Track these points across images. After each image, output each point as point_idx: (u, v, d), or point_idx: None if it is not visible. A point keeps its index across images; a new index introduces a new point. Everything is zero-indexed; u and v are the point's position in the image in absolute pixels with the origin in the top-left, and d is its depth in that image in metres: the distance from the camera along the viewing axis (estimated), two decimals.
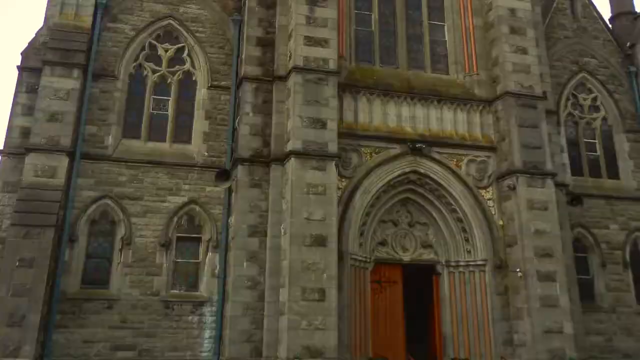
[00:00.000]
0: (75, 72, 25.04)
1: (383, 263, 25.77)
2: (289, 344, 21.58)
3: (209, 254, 25.09)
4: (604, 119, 32.25)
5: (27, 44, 26.58)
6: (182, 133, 26.52)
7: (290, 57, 25.22)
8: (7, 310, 21.52)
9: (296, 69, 24.35)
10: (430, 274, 26.40)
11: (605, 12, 33.14)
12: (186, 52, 27.43)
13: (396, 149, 25.53)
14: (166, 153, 25.86)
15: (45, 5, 27.41)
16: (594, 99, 32.32)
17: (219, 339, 24.13)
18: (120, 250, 24.41)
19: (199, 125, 26.48)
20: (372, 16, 28.25)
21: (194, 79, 27.21)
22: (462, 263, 25.79)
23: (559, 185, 26.87)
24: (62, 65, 25.01)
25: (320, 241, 22.62)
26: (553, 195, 25.45)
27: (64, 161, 23.88)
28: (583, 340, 26.10)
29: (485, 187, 26.10)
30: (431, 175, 25.77)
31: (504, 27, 27.45)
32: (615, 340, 28.75)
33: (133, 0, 27.50)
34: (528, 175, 25.26)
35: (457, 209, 25.81)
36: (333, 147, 23.76)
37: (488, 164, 26.32)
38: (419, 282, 26.48)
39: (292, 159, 23.30)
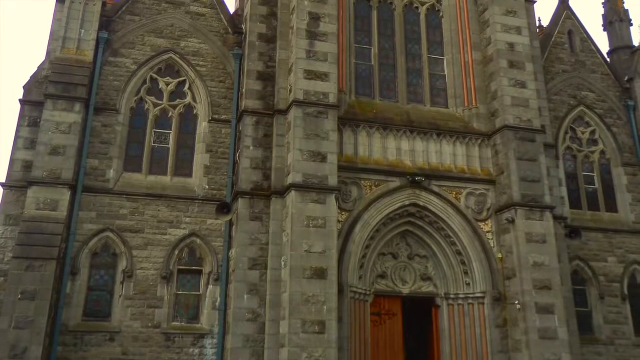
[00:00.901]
0: (77, 106, 26.11)
1: (382, 295, 26.82)
2: None
3: (210, 286, 26.09)
4: (602, 152, 33.54)
5: (29, 78, 27.68)
6: (183, 166, 27.66)
7: (290, 90, 26.31)
8: (9, 342, 22.42)
9: (296, 102, 25.44)
10: (429, 306, 27.44)
11: (604, 46, 34.50)
12: (187, 85, 28.64)
13: (395, 182, 26.69)
14: (167, 186, 26.99)
15: (47, 40, 28.64)
16: (592, 132, 33.65)
17: None
18: (122, 282, 25.43)
19: (200, 158, 27.60)
20: (372, 50, 29.52)
21: (194, 112, 28.38)
22: (461, 295, 26.85)
23: (558, 218, 28.05)
24: (64, 98, 26.06)
25: (320, 273, 23.58)
26: (551, 228, 26.52)
27: (66, 194, 24.89)
28: None
29: (484, 220, 27.24)
30: (430, 208, 26.92)
31: (502, 61, 28.69)
32: None
33: (134, 34, 28.68)
34: (526, 208, 26.37)
35: (456, 242, 26.92)
36: (333, 180, 24.81)
37: (487, 197, 27.49)
38: (419, 314, 27.55)
39: (293, 191, 24.30)
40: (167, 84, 28.48)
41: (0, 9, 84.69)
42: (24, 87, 27.47)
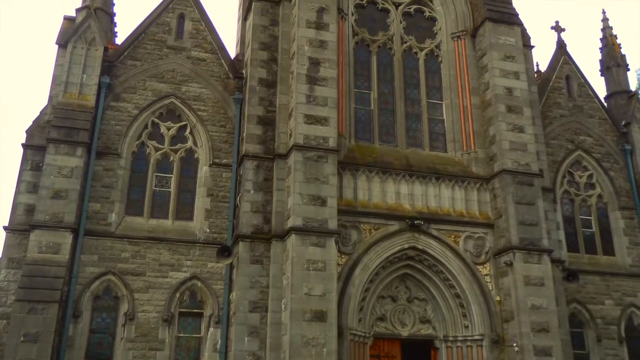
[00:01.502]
0: (79, 150, 27.13)
1: (382, 338, 27.79)
2: None
3: (211, 329, 26.96)
4: (600, 196, 34.62)
5: (31, 122, 28.66)
6: (184, 210, 28.74)
7: (290, 135, 27.38)
8: None
9: (296, 146, 26.48)
10: (428, 348, 28.39)
11: (601, 91, 35.46)
12: (188, 130, 29.77)
13: (395, 226, 27.77)
14: (168, 230, 28.04)
15: (50, 84, 29.65)
16: (590, 177, 34.75)
17: None
18: (124, 325, 26.32)
19: (201, 202, 28.67)
20: (372, 95, 30.74)
21: (196, 156, 29.49)
22: (459, 338, 27.80)
23: (555, 262, 29.01)
24: (66, 143, 27.06)
25: (320, 316, 24.45)
26: (549, 271, 27.55)
27: (68, 238, 25.84)
28: None
29: (482, 263, 28.30)
30: (429, 251, 27.97)
31: (501, 105, 29.84)
32: None
33: (136, 79, 29.84)
34: (525, 252, 27.41)
35: (455, 285, 27.92)
36: (333, 224, 25.81)
37: (485, 240, 28.56)
38: (418, 356, 28.36)
39: (293, 235, 25.26)
40: (169, 129, 29.60)
41: (2, 54, 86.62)
42: (26, 131, 28.43)
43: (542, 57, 66.02)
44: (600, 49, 39.27)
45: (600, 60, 39.01)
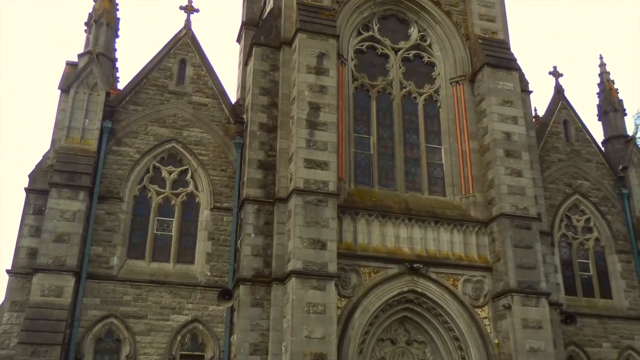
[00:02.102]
0: (81, 194, 28.25)
1: None
2: None
3: None
4: (597, 239, 35.68)
5: (34, 167, 29.82)
6: (186, 253, 29.82)
7: (291, 179, 28.40)
8: None
9: (297, 191, 27.53)
10: None
11: (598, 135, 36.59)
12: (189, 174, 30.92)
13: (394, 269, 28.78)
14: (170, 273, 29.12)
15: (52, 129, 30.81)
16: (587, 220, 35.85)
17: None
18: None
19: (202, 246, 29.75)
20: (371, 139, 31.85)
21: (197, 200, 30.61)
22: None
23: (553, 305, 29.92)
24: (68, 187, 28.17)
25: (320, 359, 25.39)
26: (547, 314, 28.49)
27: (70, 281, 26.90)
28: None
29: (481, 306, 29.29)
30: (428, 294, 28.94)
31: (499, 150, 30.96)
32: None
33: (138, 124, 31.04)
34: (523, 295, 28.39)
35: (454, 328, 28.83)
36: (333, 268, 26.84)
37: (484, 283, 29.57)
38: None
39: (293, 278, 26.25)
40: (170, 173, 30.73)
41: (5, 98, 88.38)
42: (29, 175, 29.54)
43: (540, 101, 67.51)
44: (597, 93, 40.32)
45: (597, 105, 40.12)
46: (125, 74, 37.96)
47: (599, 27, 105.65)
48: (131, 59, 77.18)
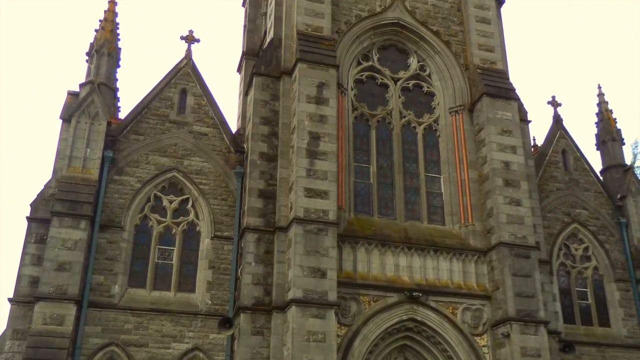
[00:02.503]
0: (83, 223, 28.84)
1: None
2: None
3: None
4: (595, 268, 36.30)
5: (36, 196, 30.36)
6: (187, 282, 30.42)
7: (291, 208, 29.05)
8: None
9: (297, 220, 28.18)
10: None
11: (597, 164, 37.26)
12: (190, 203, 31.59)
13: (394, 298, 29.37)
14: (171, 301, 29.73)
15: (54, 158, 31.37)
16: (586, 249, 36.48)
17: None
18: None
19: (203, 274, 30.38)
20: (371, 169, 32.54)
21: (197, 229, 31.27)
22: None
23: (552, 333, 30.49)
24: (70, 216, 28.76)
25: None
26: (546, 342, 29.08)
27: (72, 309, 27.49)
28: None
29: (480, 335, 29.89)
30: (427, 322, 29.51)
31: (498, 179, 31.63)
32: None
33: (139, 153, 31.74)
34: (522, 323, 28.99)
35: (453, 356, 29.38)
36: (333, 296, 27.45)
37: (483, 312, 30.18)
38: None
39: (293, 307, 26.86)
40: (171, 202, 31.41)
41: (7, 128, 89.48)
42: (31, 204, 30.12)
43: (538, 131, 68.57)
44: (596, 123, 41.07)
45: (596, 135, 40.82)
46: (127, 104, 38.80)
47: (598, 57, 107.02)
48: (132, 88, 78.21)
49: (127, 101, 75.29)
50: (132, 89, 75.46)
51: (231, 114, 42.15)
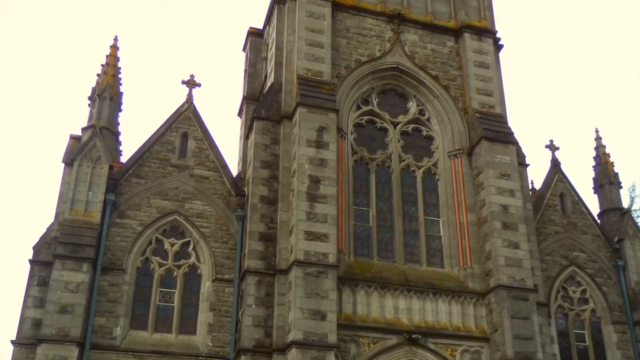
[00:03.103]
0: (85, 266, 29.63)
1: None
2: None
3: None
4: (593, 310, 36.94)
5: (38, 239, 31.25)
6: (188, 324, 31.18)
7: (291, 251, 29.90)
8: None
9: (297, 262, 29.03)
10: None
11: (594, 207, 38.12)
12: (191, 246, 32.44)
13: (393, 340, 30.19)
14: (172, 343, 30.48)
15: (56, 202, 32.30)
16: (583, 292, 37.13)
17: None
18: None
19: (204, 316, 31.13)
20: (370, 212, 33.50)
21: (199, 272, 32.08)
22: None
23: None
24: (72, 259, 29.57)
25: None
26: None
27: (74, 351, 28.22)
28: None
29: None
30: None
31: (496, 222, 32.61)
32: None
33: (140, 196, 32.64)
34: None
35: None
36: (332, 338, 28.23)
37: (481, 354, 31.03)
38: None
39: (294, 349, 27.64)
40: (172, 245, 32.26)
41: (9, 171, 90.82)
42: (33, 247, 30.98)
43: (536, 174, 69.78)
44: (593, 167, 41.89)
45: (593, 178, 41.64)
46: (128, 147, 39.82)
47: (595, 101, 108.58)
48: (134, 132, 79.44)
49: (129, 145, 76.45)
50: (134, 133, 76.64)
51: (232, 157, 43.11)
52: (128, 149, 48.06)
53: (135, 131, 74.82)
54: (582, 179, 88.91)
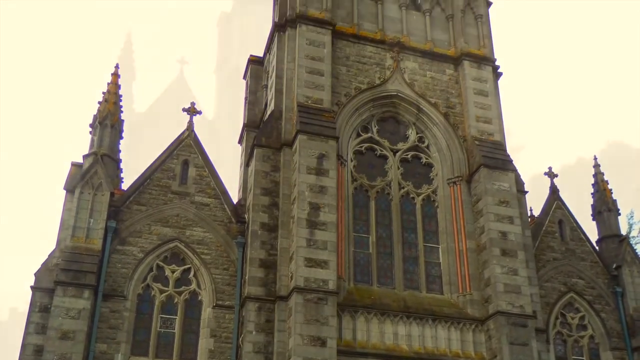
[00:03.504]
0: (86, 293, 30.11)
1: None
2: None
3: None
4: (592, 337, 37.23)
5: (40, 266, 31.70)
6: (189, 350, 31.58)
7: (291, 277, 30.43)
8: None
9: (297, 289, 29.56)
10: None
11: (593, 234, 38.55)
12: (192, 273, 32.92)
13: None
14: None
15: (58, 229, 32.78)
16: (582, 318, 37.46)
17: None
18: None
19: (205, 343, 31.57)
20: (370, 238, 34.06)
21: (199, 298, 32.54)
22: None
23: None
24: (73, 285, 30.01)
25: None
26: None
27: None
28: None
29: None
30: None
31: (495, 249, 33.20)
32: None
33: (141, 223, 33.15)
34: None
35: None
36: None
37: None
38: None
39: None
40: (173, 272, 32.74)
41: (12, 200, 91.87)
42: (35, 274, 31.42)
43: (535, 201, 70.81)
44: (592, 194, 42.46)
45: (592, 205, 42.21)
46: (130, 174, 40.31)
47: (594, 128, 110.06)
48: (135, 159, 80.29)
49: (130, 172, 77.26)
50: (135, 160, 77.51)
51: (232, 184, 43.48)
52: (129, 176, 48.77)
53: (136, 158, 75.80)
54: (580, 205, 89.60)
